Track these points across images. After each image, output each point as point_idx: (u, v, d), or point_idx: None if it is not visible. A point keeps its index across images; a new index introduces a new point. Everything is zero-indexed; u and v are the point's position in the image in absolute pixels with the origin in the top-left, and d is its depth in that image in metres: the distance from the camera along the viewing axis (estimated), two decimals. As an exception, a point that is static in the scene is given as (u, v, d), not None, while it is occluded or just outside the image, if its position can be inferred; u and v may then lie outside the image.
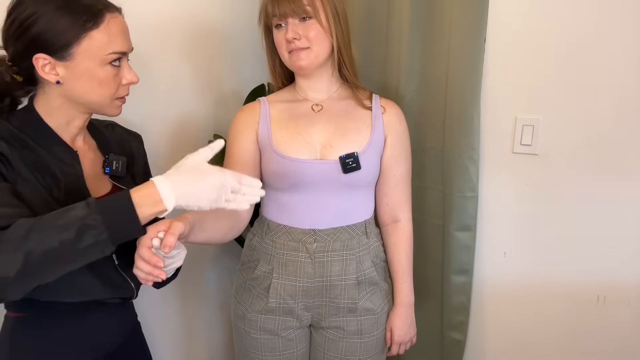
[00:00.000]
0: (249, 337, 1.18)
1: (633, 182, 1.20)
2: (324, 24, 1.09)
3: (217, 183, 0.81)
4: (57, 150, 0.89)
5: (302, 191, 1.12)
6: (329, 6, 1.09)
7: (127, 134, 1.09)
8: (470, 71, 1.31)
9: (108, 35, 0.85)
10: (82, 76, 0.86)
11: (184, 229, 0.87)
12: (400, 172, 1.19)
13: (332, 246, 1.13)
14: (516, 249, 1.39)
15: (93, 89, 0.88)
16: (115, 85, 0.90)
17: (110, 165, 0.98)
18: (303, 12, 1.07)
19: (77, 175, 0.91)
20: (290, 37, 1.07)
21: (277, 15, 1.08)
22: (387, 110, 1.18)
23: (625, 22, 1.16)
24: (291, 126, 1.14)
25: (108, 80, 0.88)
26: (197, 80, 1.51)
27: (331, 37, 1.10)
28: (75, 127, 0.93)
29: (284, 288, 1.14)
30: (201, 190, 0.80)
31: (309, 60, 1.10)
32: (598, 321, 1.29)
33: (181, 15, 1.43)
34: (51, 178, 0.86)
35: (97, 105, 0.91)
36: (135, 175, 1.05)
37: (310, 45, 1.09)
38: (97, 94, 0.88)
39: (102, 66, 0.86)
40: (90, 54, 0.85)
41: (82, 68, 0.85)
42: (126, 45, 0.90)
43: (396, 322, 1.20)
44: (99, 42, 0.85)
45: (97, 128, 1.03)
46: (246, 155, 1.14)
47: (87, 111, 0.93)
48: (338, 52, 1.13)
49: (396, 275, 1.22)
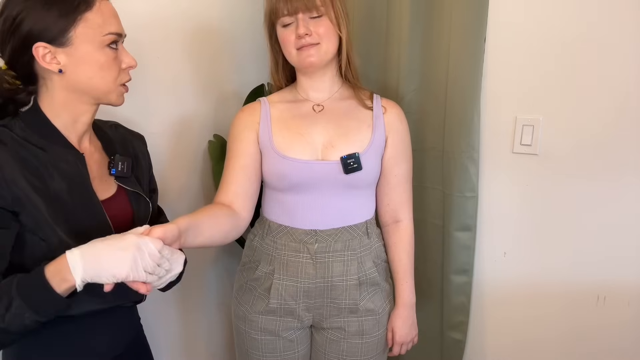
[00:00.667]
0: (249, 337, 1.18)
1: (633, 181, 1.20)
2: (333, 21, 1.09)
3: (131, 246, 0.76)
4: (63, 153, 0.89)
5: (303, 192, 1.12)
6: (337, 2, 1.10)
7: (130, 134, 1.08)
8: (470, 71, 1.31)
9: (102, 17, 0.86)
10: (83, 61, 0.86)
11: (169, 234, 0.83)
12: (401, 172, 1.19)
13: (334, 247, 1.13)
14: (516, 249, 1.39)
15: (96, 74, 0.88)
16: (116, 69, 0.90)
17: (116, 166, 0.98)
18: (315, 8, 1.07)
19: (83, 178, 0.90)
20: (302, 32, 1.06)
21: (288, 10, 1.07)
22: (388, 110, 1.18)
23: (625, 22, 1.16)
24: (292, 126, 1.14)
25: (109, 63, 0.88)
26: (197, 80, 1.51)
27: (340, 33, 1.11)
28: (82, 124, 0.93)
29: (285, 289, 1.13)
30: (113, 253, 0.76)
31: (319, 56, 1.09)
32: (598, 321, 1.29)
33: (182, 15, 1.42)
34: (56, 183, 0.85)
35: (101, 92, 0.90)
36: (139, 176, 1.05)
37: (321, 41, 1.09)
38: (101, 79, 0.88)
39: (101, 49, 0.87)
40: (87, 37, 0.85)
41: (82, 52, 0.85)
42: (120, 28, 0.90)
43: (397, 323, 1.20)
44: (94, 23, 0.85)
45: (101, 129, 1.03)
46: (246, 156, 1.14)
47: (92, 102, 0.92)
48: (346, 49, 1.13)
49: (397, 275, 1.21)
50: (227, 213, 1.09)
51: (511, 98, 1.33)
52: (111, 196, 0.96)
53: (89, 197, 0.90)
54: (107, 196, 0.95)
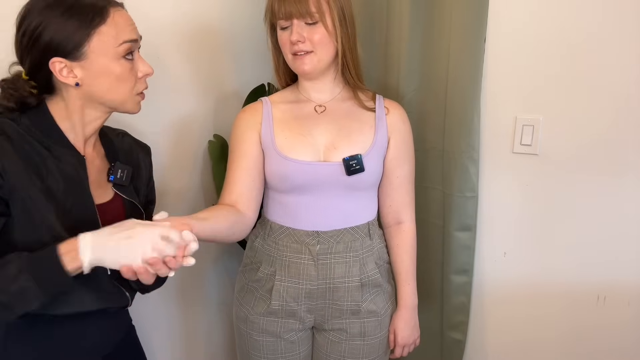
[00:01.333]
0: (251, 339, 1.18)
1: (633, 181, 1.21)
2: (329, 28, 1.07)
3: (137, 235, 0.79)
4: (63, 154, 0.89)
5: (305, 193, 1.12)
6: (336, 9, 1.07)
7: (136, 144, 1.09)
8: (470, 71, 1.31)
9: (115, 29, 0.87)
10: (99, 74, 0.87)
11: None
12: (404, 173, 1.18)
13: (335, 248, 1.13)
14: (516, 249, 1.39)
15: (112, 86, 0.89)
16: (132, 79, 0.91)
17: (115, 173, 0.98)
18: (308, 15, 1.05)
19: (81, 181, 0.90)
20: (294, 39, 1.06)
21: (282, 15, 1.06)
22: (390, 111, 1.17)
23: (626, 22, 1.16)
24: (294, 127, 1.13)
25: (125, 74, 0.89)
26: (197, 80, 1.51)
27: (336, 41, 1.09)
28: (91, 128, 0.94)
29: (287, 290, 1.13)
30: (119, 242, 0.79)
31: (312, 64, 1.08)
32: (598, 321, 1.29)
33: (182, 16, 1.42)
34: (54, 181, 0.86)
35: (118, 102, 0.92)
36: (138, 187, 1.05)
37: (314, 49, 1.07)
38: (117, 91, 0.90)
39: (117, 60, 0.88)
40: (102, 50, 0.86)
41: (98, 65, 0.86)
42: (134, 34, 0.90)
43: (400, 325, 1.20)
44: (108, 36, 0.86)
45: (108, 136, 1.04)
46: (249, 157, 1.12)
47: (108, 111, 0.94)
48: (342, 56, 1.11)
49: (400, 277, 1.21)
50: (231, 209, 1.09)
51: (511, 98, 1.33)
52: (107, 202, 0.97)
53: (84, 199, 0.90)
54: (103, 201, 0.95)
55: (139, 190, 1.05)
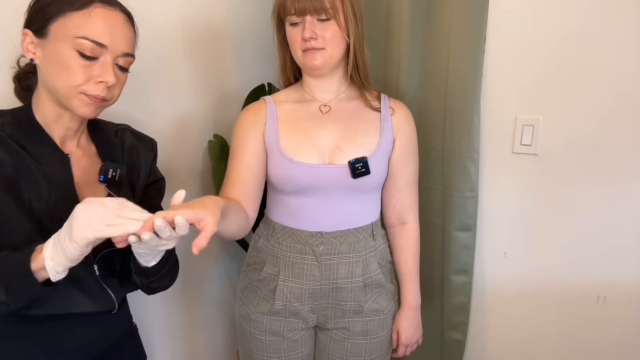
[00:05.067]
0: (254, 338, 1.17)
1: (633, 181, 1.21)
2: (342, 25, 1.06)
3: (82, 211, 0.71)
4: (43, 155, 0.86)
5: (309, 195, 1.11)
6: (348, 6, 1.07)
7: (137, 140, 1.04)
8: (470, 71, 1.31)
9: (85, 20, 0.81)
10: (51, 57, 0.83)
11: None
12: (408, 174, 1.18)
13: (339, 249, 1.13)
14: (516, 249, 1.39)
15: (58, 74, 0.83)
16: (82, 76, 0.83)
17: (105, 173, 0.93)
18: (323, 11, 1.04)
19: (66, 181, 0.87)
20: (307, 36, 1.04)
21: (296, 10, 1.04)
22: (396, 112, 1.16)
23: (626, 23, 1.16)
24: (299, 129, 1.12)
25: (73, 67, 0.82)
26: (197, 80, 1.51)
27: (348, 38, 1.08)
28: (63, 127, 0.89)
29: (291, 290, 1.13)
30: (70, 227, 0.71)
31: (323, 60, 1.07)
32: (598, 321, 1.29)
33: (182, 16, 1.42)
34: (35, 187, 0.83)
35: (62, 95, 0.84)
36: (135, 186, 1.01)
37: (326, 46, 1.06)
38: (60, 81, 0.83)
39: (70, 50, 0.81)
40: (60, 33, 0.81)
41: (52, 48, 0.82)
42: (104, 38, 0.82)
43: (403, 324, 1.20)
44: (72, 24, 0.81)
45: (104, 132, 0.99)
46: (253, 156, 1.11)
47: (62, 105, 0.87)
48: (353, 54, 1.10)
49: (403, 277, 1.21)
50: (243, 210, 1.07)
51: (511, 98, 1.33)
52: None
53: (69, 199, 0.86)
54: None
55: (136, 190, 1.01)
